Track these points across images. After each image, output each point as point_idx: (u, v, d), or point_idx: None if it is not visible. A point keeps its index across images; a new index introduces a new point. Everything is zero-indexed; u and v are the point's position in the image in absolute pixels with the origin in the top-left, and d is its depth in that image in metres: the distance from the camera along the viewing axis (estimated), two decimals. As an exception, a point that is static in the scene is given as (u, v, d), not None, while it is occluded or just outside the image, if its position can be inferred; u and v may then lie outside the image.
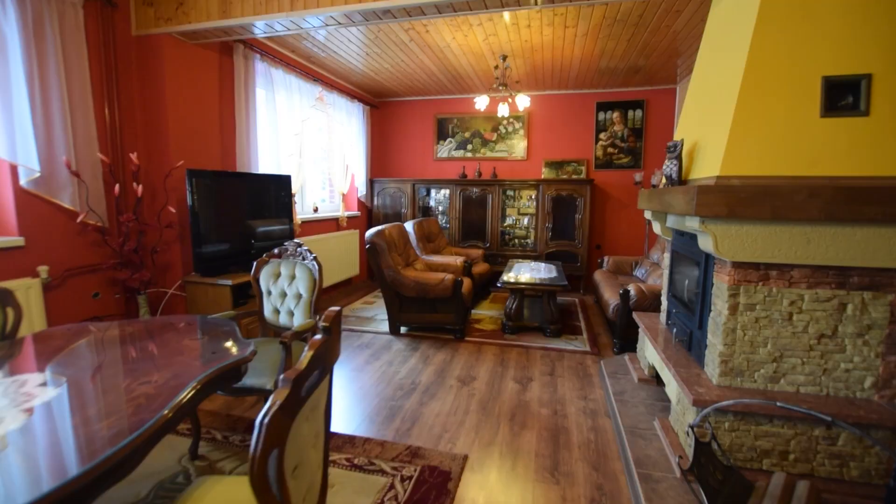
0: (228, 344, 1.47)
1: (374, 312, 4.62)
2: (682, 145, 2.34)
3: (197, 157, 3.34)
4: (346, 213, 5.65)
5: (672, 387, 2.25)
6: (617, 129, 5.73)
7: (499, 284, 3.96)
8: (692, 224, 2.00)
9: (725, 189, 1.82)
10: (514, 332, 3.98)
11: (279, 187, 3.73)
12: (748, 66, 1.91)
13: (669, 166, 2.38)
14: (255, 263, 2.39)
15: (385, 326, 4.09)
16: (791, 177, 1.83)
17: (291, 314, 2.33)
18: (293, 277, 2.34)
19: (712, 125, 2.16)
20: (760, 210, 1.78)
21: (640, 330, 3.09)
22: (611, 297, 3.75)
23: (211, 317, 2.15)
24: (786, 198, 1.76)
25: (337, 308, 1.11)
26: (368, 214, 6.37)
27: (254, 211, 3.47)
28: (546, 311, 3.92)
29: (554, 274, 4.24)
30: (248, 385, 1.90)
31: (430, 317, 3.88)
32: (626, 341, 3.52)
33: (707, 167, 2.11)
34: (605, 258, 5.13)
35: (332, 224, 5.33)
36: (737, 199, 1.80)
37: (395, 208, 6.23)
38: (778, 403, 1.52)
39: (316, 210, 5.08)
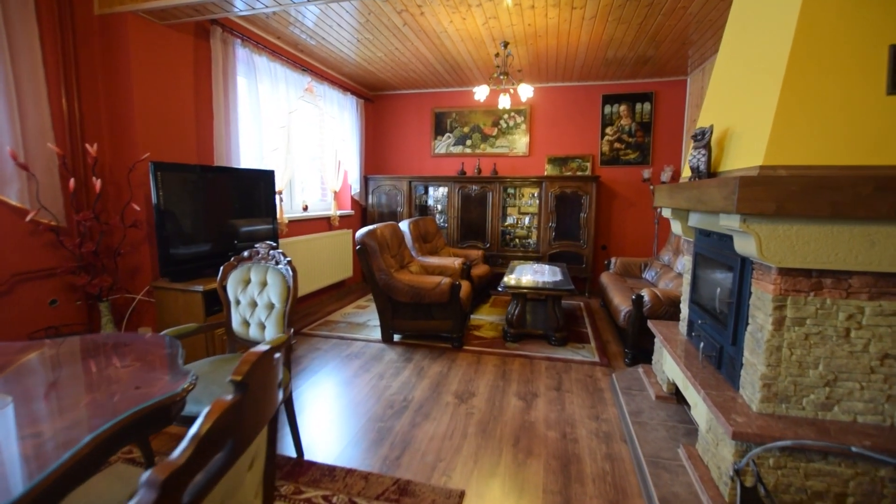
0: (161, 374, 1.18)
1: (367, 318, 4.32)
2: (712, 132, 2.04)
3: (169, 150, 3.04)
4: (339, 212, 5.35)
5: (700, 410, 1.95)
6: (624, 124, 5.43)
7: (500, 288, 3.66)
8: (729, 223, 1.70)
9: (773, 181, 1.52)
10: (516, 340, 3.68)
11: (261, 183, 3.43)
12: (797, 37, 1.61)
13: (696, 157, 2.09)
14: (221, 268, 2.09)
15: (378, 333, 3.79)
16: (851, 166, 1.53)
17: (263, 327, 2.04)
18: (264, 284, 2.04)
19: (750, 108, 1.86)
20: (816, 206, 1.48)
21: (656, 341, 2.79)
22: (621, 303, 3.45)
23: (168, 331, 1.85)
24: (847, 191, 1.46)
25: (263, 349, 0.81)
26: (363, 213, 6.07)
27: (232, 209, 3.18)
28: (551, 318, 3.62)
29: (559, 277, 3.95)
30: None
31: (425, 324, 3.58)
32: (639, 351, 3.23)
33: (744, 156, 1.81)
34: (612, 260, 4.84)
35: (323, 223, 5.04)
36: (787, 194, 1.50)
37: (391, 207, 5.93)
38: (854, 448, 1.22)
39: (306, 208, 4.78)
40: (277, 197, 4.07)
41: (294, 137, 4.33)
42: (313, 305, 4.78)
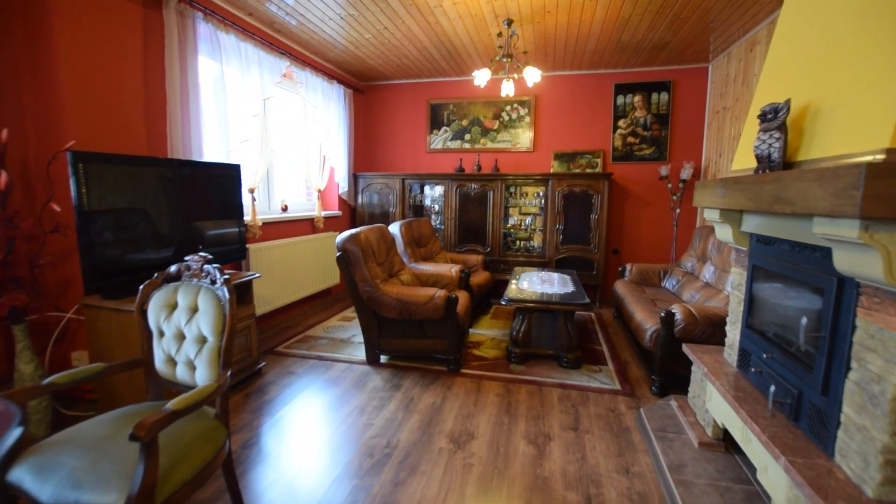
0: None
1: (353, 332, 3.82)
2: (788, 109, 1.55)
3: (110, 139, 2.54)
4: (324, 213, 4.85)
5: (773, 478, 1.46)
6: (638, 116, 4.93)
7: (503, 302, 3.16)
8: (834, 230, 1.21)
9: (917, 170, 1.02)
10: (522, 362, 3.18)
11: (226, 180, 2.93)
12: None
13: (766, 142, 1.59)
14: (140, 288, 1.59)
15: (363, 352, 3.29)
16: None
17: (193, 367, 1.54)
18: (195, 310, 1.54)
19: (851, 74, 1.36)
20: None
21: (694, 370, 2.30)
22: (645, 320, 2.95)
23: (56, 377, 1.35)
24: None
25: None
26: (351, 214, 5.57)
27: (188, 209, 2.67)
28: (562, 336, 3.13)
29: (570, 288, 3.45)
30: (80, 502, 1.10)
31: (417, 343, 3.08)
32: (667, 377, 2.74)
33: (842, 139, 1.32)
34: (628, 266, 4.34)
35: (306, 225, 4.54)
36: (940, 189, 1.01)
37: (383, 207, 5.43)
38: None
39: (285, 209, 4.28)
40: (249, 195, 3.58)
41: (271, 128, 3.83)
42: (293, 318, 4.27)
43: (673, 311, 2.67)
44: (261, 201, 4.12)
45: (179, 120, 2.89)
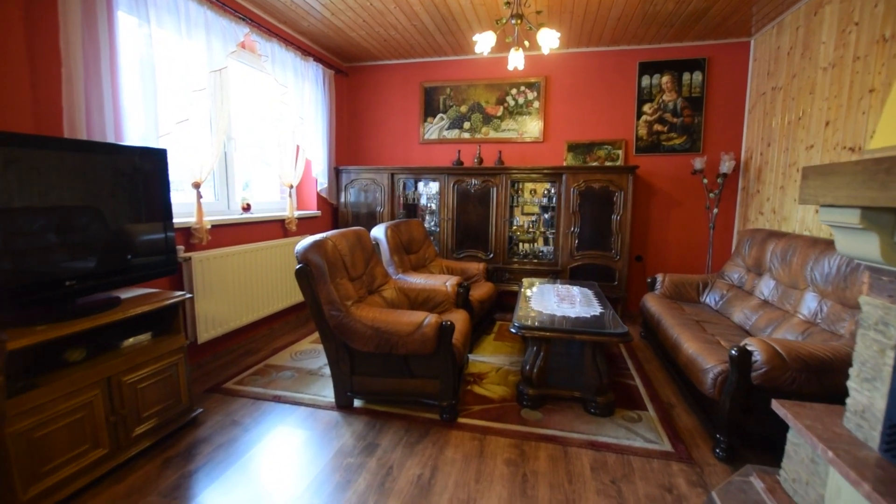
0: None
1: (325, 360, 3.09)
2: None
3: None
4: (298, 213, 4.13)
5: None
6: (667, 99, 4.22)
7: (513, 329, 2.43)
8: None
9: None
10: (536, 405, 2.46)
11: (146, 170, 2.20)
12: None
13: None
14: None
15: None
16: None
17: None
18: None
19: None
20: None
21: (797, 443, 1.58)
22: (703, 356, 2.23)
23: None
24: None
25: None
26: (334, 214, 4.85)
27: (82, 211, 1.95)
28: (590, 373, 2.41)
29: (596, 307, 2.73)
30: None
31: (401, 383, 2.37)
32: (734, 435, 2.02)
33: None
34: (658, 278, 3.62)
35: (274, 228, 3.81)
36: None
37: (370, 206, 4.71)
38: None
39: (247, 208, 3.55)
40: (195, 191, 2.86)
41: (226, 109, 3.11)
42: (255, 340, 3.55)
43: (749, 347, 1.95)
44: (217, 199, 3.40)
45: (82, 89, 2.16)
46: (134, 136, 2.46)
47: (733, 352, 1.96)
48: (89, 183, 1.94)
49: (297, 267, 2.31)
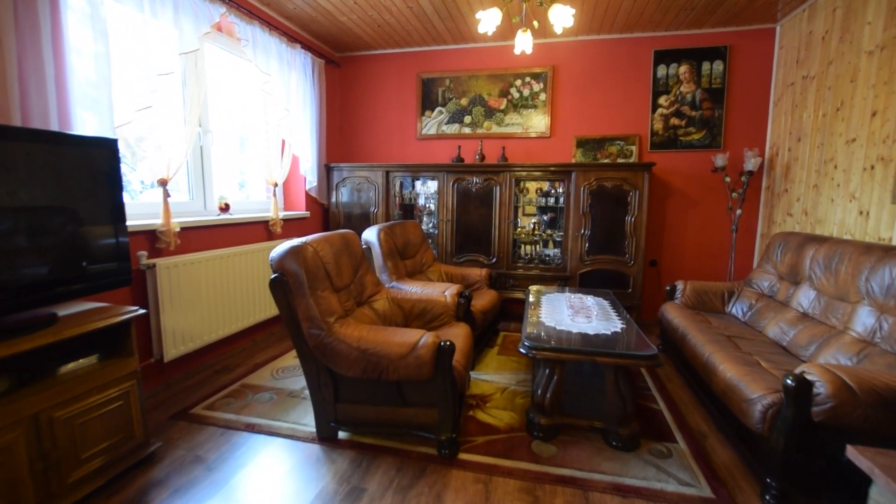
0: None
1: (310, 379, 2.76)
2: None
3: None
4: (284, 214, 3.80)
5: None
6: (685, 91, 3.89)
7: (522, 350, 2.10)
8: None
9: None
10: (549, 437, 2.13)
11: (95, 163, 1.86)
12: None
13: None
14: None
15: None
16: None
17: None
18: None
19: None
20: None
21: (886, 501, 1.25)
22: (746, 382, 1.90)
23: None
24: None
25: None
26: (324, 215, 4.51)
27: (12, 211, 1.61)
28: (612, 402, 2.08)
29: (617, 323, 2.40)
30: None
31: (392, 413, 2.04)
32: (789, 480, 1.69)
33: None
34: (679, 285, 3.29)
35: (257, 230, 3.48)
36: None
37: (364, 206, 4.37)
38: None
39: (225, 208, 3.21)
40: (161, 189, 2.53)
41: (197, 95, 2.78)
42: (232, 355, 3.21)
43: (809, 377, 1.62)
44: (193, 198, 3.07)
45: (14, 67, 1.83)
46: (87, 124, 2.13)
47: (788, 381, 1.63)
48: (21, 178, 1.60)
49: (272, 277, 1.98)
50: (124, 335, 1.90)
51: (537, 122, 4.21)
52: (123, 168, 1.99)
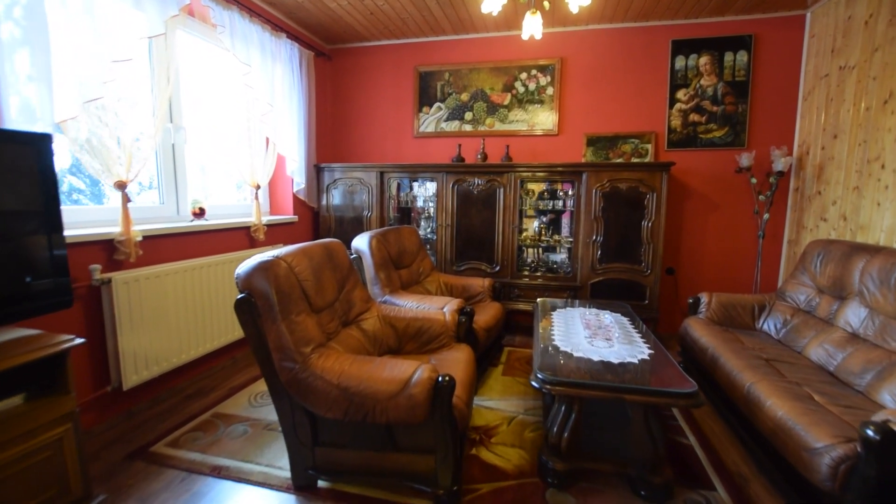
0: None
1: (292, 406, 2.44)
2: None
3: None
4: (268, 219, 3.48)
5: None
6: (705, 84, 3.58)
7: (534, 384, 1.78)
8: None
9: None
10: (566, 485, 1.82)
11: (24, 163, 1.55)
12: None
13: None
14: None
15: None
16: None
17: None
18: None
19: None
20: None
21: None
22: (800, 424, 1.58)
23: None
24: None
25: None
26: (314, 220, 4.19)
27: None
28: (640, 444, 1.76)
29: (643, 348, 2.08)
30: None
31: (381, 459, 1.71)
32: (866, 549, 1.37)
33: None
34: (703, 298, 2.97)
35: (237, 237, 3.16)
36: None
37: (357, 210, 4.05)
38: None
39: (200, 212, 2.89)
40: (119, 193, 2.21)
41: (166, 88, 2.46)
42: (209, 375, 2.89)
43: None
44: (163, 202, 2.76)
45: (-78, 47, 1.51)
46: (24, 117, 1.82)
47: (870, 433, 1.31)
48: None
49: (238, 297, 1.66)
50: (59, 369, 1.58)
51: (544, 118, 3.89)
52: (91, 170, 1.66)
